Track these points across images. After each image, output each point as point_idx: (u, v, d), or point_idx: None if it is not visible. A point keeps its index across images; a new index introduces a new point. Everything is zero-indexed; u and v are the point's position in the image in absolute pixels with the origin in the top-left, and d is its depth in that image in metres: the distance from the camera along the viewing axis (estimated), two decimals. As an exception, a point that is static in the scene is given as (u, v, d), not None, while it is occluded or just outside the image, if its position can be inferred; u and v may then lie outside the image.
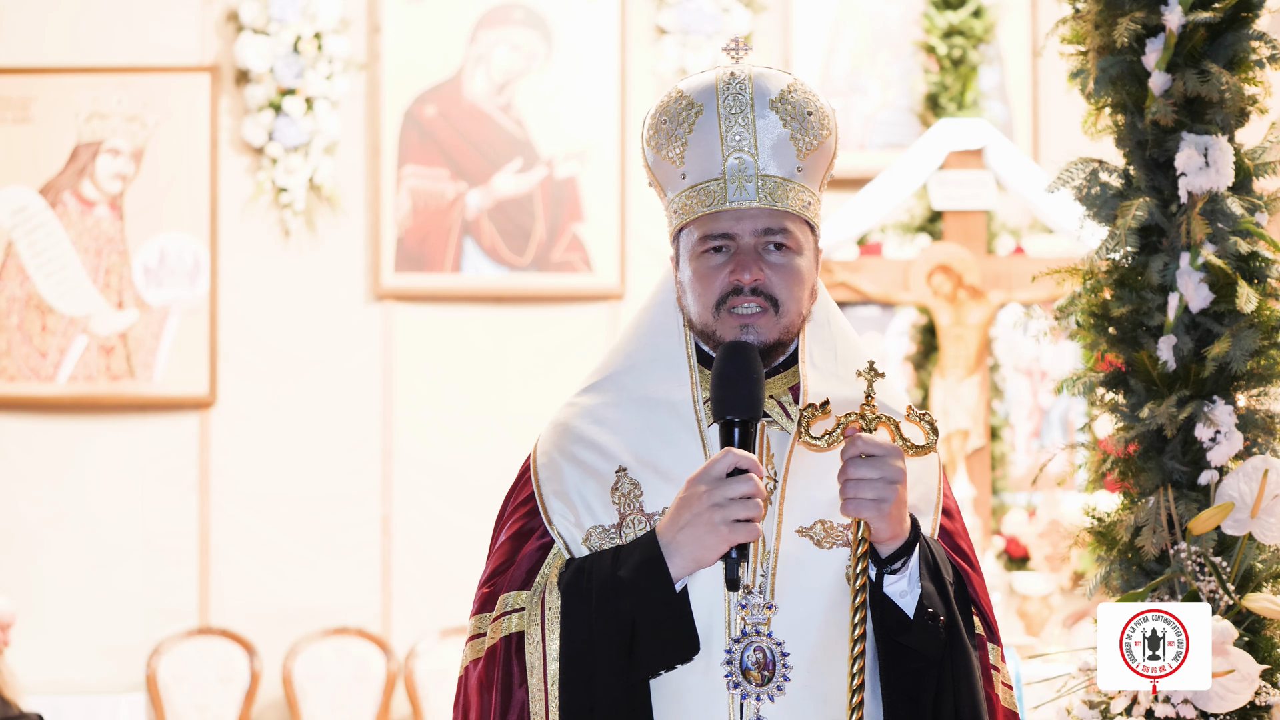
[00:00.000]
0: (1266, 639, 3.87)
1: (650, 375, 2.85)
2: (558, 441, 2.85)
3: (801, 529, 2.75)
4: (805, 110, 2.82)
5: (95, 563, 8.49)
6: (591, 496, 2.78)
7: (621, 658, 2.65)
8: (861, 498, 2.62)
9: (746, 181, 2.78)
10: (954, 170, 7.72)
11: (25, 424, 8.55)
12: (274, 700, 8.46)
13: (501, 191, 8.67)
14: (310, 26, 8.50)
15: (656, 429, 2.81)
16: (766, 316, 2.76)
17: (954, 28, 8.45)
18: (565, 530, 2.78)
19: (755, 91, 2.80)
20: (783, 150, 2.80)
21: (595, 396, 2.88)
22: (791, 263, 2.80)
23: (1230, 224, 3.91)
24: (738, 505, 2.60)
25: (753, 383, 2.68)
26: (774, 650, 2.68)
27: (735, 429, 2.66)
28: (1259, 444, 3.91)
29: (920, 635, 2.69)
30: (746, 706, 2.67)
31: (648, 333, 2.90)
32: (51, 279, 8.54)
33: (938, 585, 2.73)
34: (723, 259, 2.78)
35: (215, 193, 8.57)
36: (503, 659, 2.73)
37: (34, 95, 8.55)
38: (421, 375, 8.64)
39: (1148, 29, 3.92)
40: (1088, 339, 4.01)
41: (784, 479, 2.77)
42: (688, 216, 2.81)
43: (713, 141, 2.79)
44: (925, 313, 8.00)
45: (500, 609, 2.75)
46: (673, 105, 2.83)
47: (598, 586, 2.67)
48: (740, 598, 2.69)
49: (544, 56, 8.69)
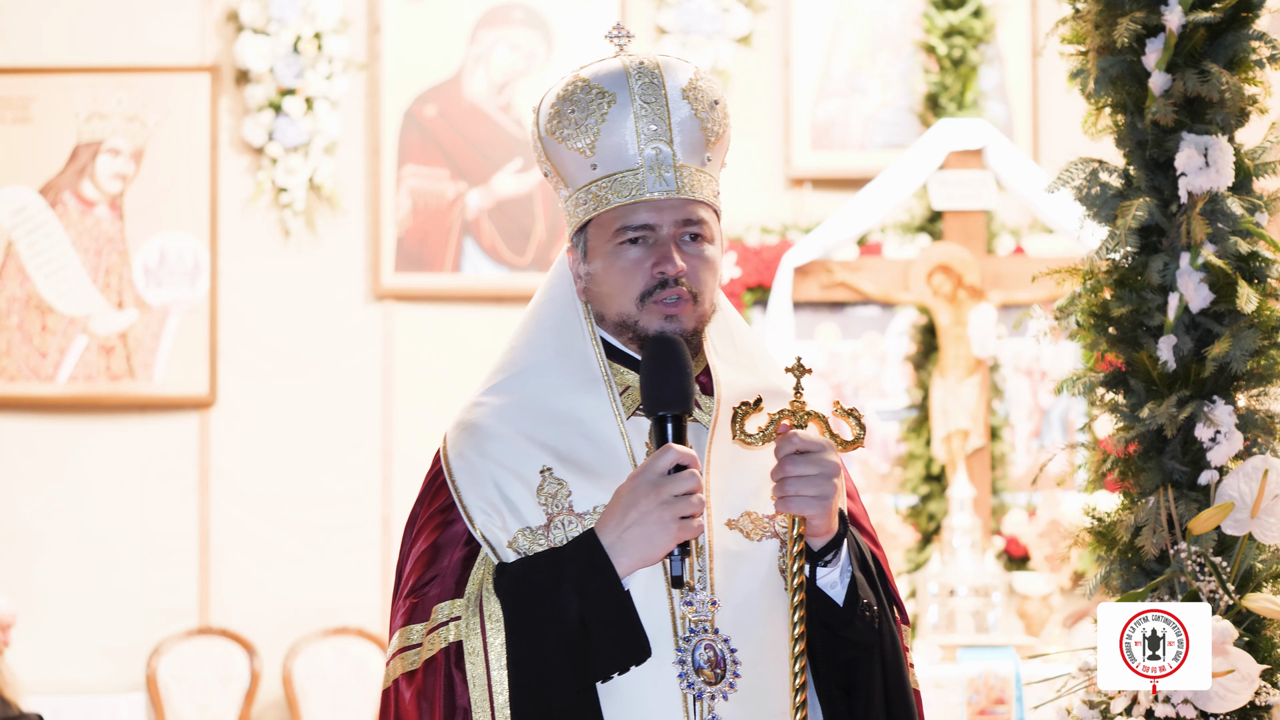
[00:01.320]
0: (1266, 639, 3.87)
1: (558, 373, 2.80)
2: (472, 442, 2.77)
3: (731, 521, 2.72)
4: (712, 99, 2.79)
5: (95, 563, 8.49)
6: (516, 498, 2.71)
7: (573, 662, 2.61)
8: (803, 495, 2.61)
9: (665, 172, 2.74)
10: (954, 170, 7.72)
11: (25, 424, 8.55)
12: (274, 700, 8.46)
13: (501, 191, 8.67)
14: (310, 26, 8.50)
15: (576, 427, 2.76)
16: (689, 306, 2.73)
17: (954, 28, 8.45)
18: (490, 533, 2.70)
19: (667, 80, 2.76)
20: (695, 139, 2.76)
21: (504, 396, 2.80)
22: (705, 252, 2.76)
23: (1230, 224, 3.91)
24: (683, 502, 2.59)
25: (683, 376, 2.66)
26: (723, 647, 2.65)
27: (669, 424, 2.64)
28: (1259, 444, 3.91)
29: (859, 626, 2.69)
30: (701, 706, 2.64)
31: (549, 329, 2.84)
32: (51, 279, 8.54)
33: (866, 574, 2.73)
34: (641, 251, 2.73)
35: (215, 193, 8.57)
36: (443, 670, 2.65)
37: (34, 95, 8.55)
38: (421, 375, 8.64)
39: (1148, 29, 3.93)
40: (1088, 339, 4.01)
41: (706, 472, 2.73)
42: (601, 206, 2.76)
43: (627, 132, 2.74)
44: (925, 313, 8.00)
45: (435, 619, 2.68)
46: (579, 94, 2.77)
47: (542, 591, 2.62)
48: (684, 595, 2.66)
49: (544, 56, 8.69)
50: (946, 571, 7.22)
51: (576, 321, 2.82)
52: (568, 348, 2.81)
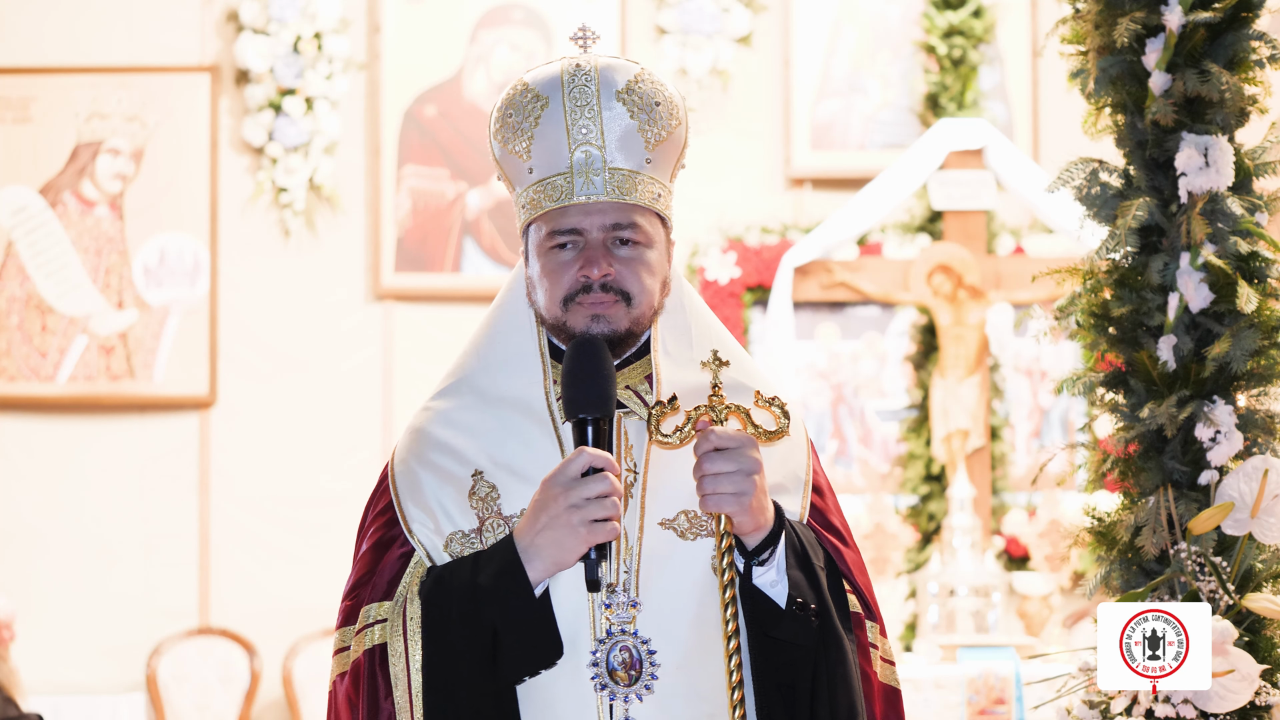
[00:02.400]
0: (1266, 639, 3.87)
1: (503, 374, 2.81)
2: (413, 448, 2.81)
3: (664, 521, 2.71)
4: (653, 100, 2.76)
5: (95, 563, 8.49)
6: (449, 502, 2.74)
7: (484, 665, 2.62)
8: (721, 492, 2.59)
9: (594, 175, 2.73)
10: (954, 170, 7.72)
11: (25, 424, 8.55)
12: (274, 700, 8.46)
13: (501, 191, 8.67)
14: (310, 26, 8.50)
15: (512, 429, 2.77)
16: (618, 307, 2.72)
17: (954, 28, 8.45)
18: (425, 538, 2.74)
19: (601, 83, 2.75)
20: (630, 142, 2.74)
21: (449, 400, 2.82)
22: (641, 256, 2.74)
23: (1230, 224, 3.91)
24: (594, 505, 2.57)
25: (603, 379, 2.65)
26: (640, 649, 2.64)
27: (589, 427, 2.63)
28: (1259, 444, 3.91)
29: (792, 626, 2.66)
30: (615, 708, 2.64)
31: (501, 331, 2.86)
32: (51, 279, 8.54)
33: (807, 572, 2.69)
34: (571, 254, 2.73)
35: (215, 193, 8.57)
36: (366, 672, 2.69)
37: (34, 95, 8.55)
38: (421, 375, 8.64)
39: (1148, 29, 3.93)
40: (1088, 339, 4.01)
41: (644, 470, 2.73)
42: (535, 211, 2.76)
43: (559, 135, 2.74)
44: (925, 313, 8.00)
45: (363, 621, 2.72)
46: (519, 98, 2.78)
47: (457, 594, 2.64)
48: (604, 597, 2.66)
49: (544, 56, 8.69)
50: (946, 571, 7.22)
51: (526, 324, 2.83)
52: (514, 350, 2.82)
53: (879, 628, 2.83)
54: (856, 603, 2.79)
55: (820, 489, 2.85)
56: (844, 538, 2.84)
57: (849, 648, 2.72)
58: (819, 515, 2.83)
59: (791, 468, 2.82)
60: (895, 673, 2.86)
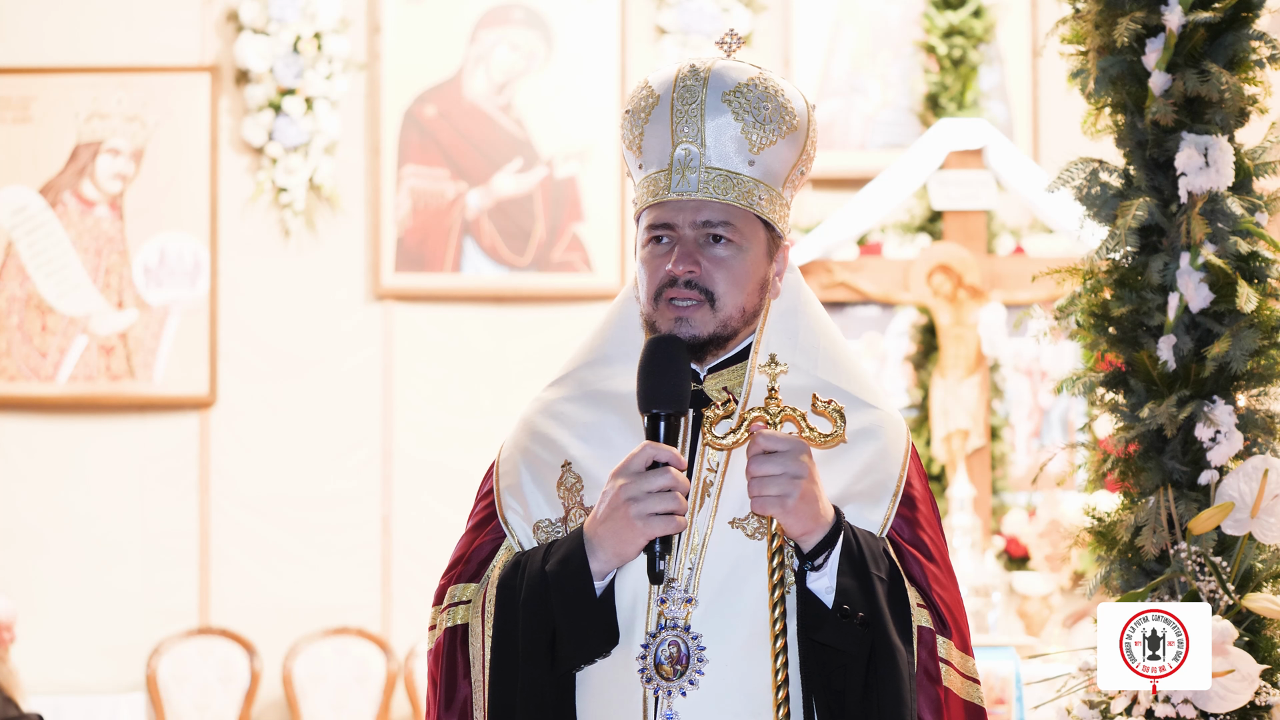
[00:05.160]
0: (1266, 639, 3.87)
1: (609, 368, 2.87)
2: (517, 436, 2.91)
3: (735, 520, 2.74)
4: (763, 104, 2.79)
5: (95, 563, 8.49)
6: (540, 490, 2.82)
7: (543, 651, 2.68)
8: (765, 495, 2.61)
9: (690, 173, 2.76)
10: (954, 170, 7.73)
11: (25, 424, 8.55)
12: (274, 700, 8.46)
13: (501, 191, 8.67)
14: (310, 26, 8.50)
15: (606, 423, 2.82)
16: (702, 310, 2.75)
17: (954, 28, 8.45)
18: (516, 524, 2.82)
19: (710, 84, 2.78)
20: (733, 144, 2.77)
21: (557, 390, 2.91)
22: (732, 256, 2.77)
23: (1230, 224, 3.91)
24: (654, 499, 2.60)
25: (676, 376, 2.68)
26: (689, 644, 2.67)
27: (660, 422, 2.66)
28: (1259, 444, 3.91)
29: (835, 631, 2.66)
30: (660, 700, 2.67)
31: (612, 325, 2.92)
32: (51, 279, 8.55)
33: (861, 581, 2.68)
34: (664, 249, 2.77)
35: (215, 193, 8.57)
36: (446, 651, 2.79)
37: (34, 95, 8.55)
38: (421, 375, 8.64)
39: (1148, 29, 3.93)
40: (1088, 339, 4.01)
41: (724, 470, 2.77)
42: (639, 206, 2.82)
43: (664, 132, 2.79)
44: (925, 313, 8.00)
45: (449, 600, 2.81)
46: (638, 96, 2.84)
47: (526, 581, 2.71)
48: (661, 591, 2.69)
49: (544, 56, 8.69)
50: (946, 571, 7.21)
51: (634, 321, 2.88)
52: (622, 345, 2.88)
53: (952, 643, 2.80)
54: (928, 616, 2.78)
55: (913, 500, 2.85)
56: (929, 552, 2.83)
57: (902, 660, 2.70)
58: (906, 527, 2.83)
59: (879, 478, 2.83)
60: (979, 691, 2.83)
